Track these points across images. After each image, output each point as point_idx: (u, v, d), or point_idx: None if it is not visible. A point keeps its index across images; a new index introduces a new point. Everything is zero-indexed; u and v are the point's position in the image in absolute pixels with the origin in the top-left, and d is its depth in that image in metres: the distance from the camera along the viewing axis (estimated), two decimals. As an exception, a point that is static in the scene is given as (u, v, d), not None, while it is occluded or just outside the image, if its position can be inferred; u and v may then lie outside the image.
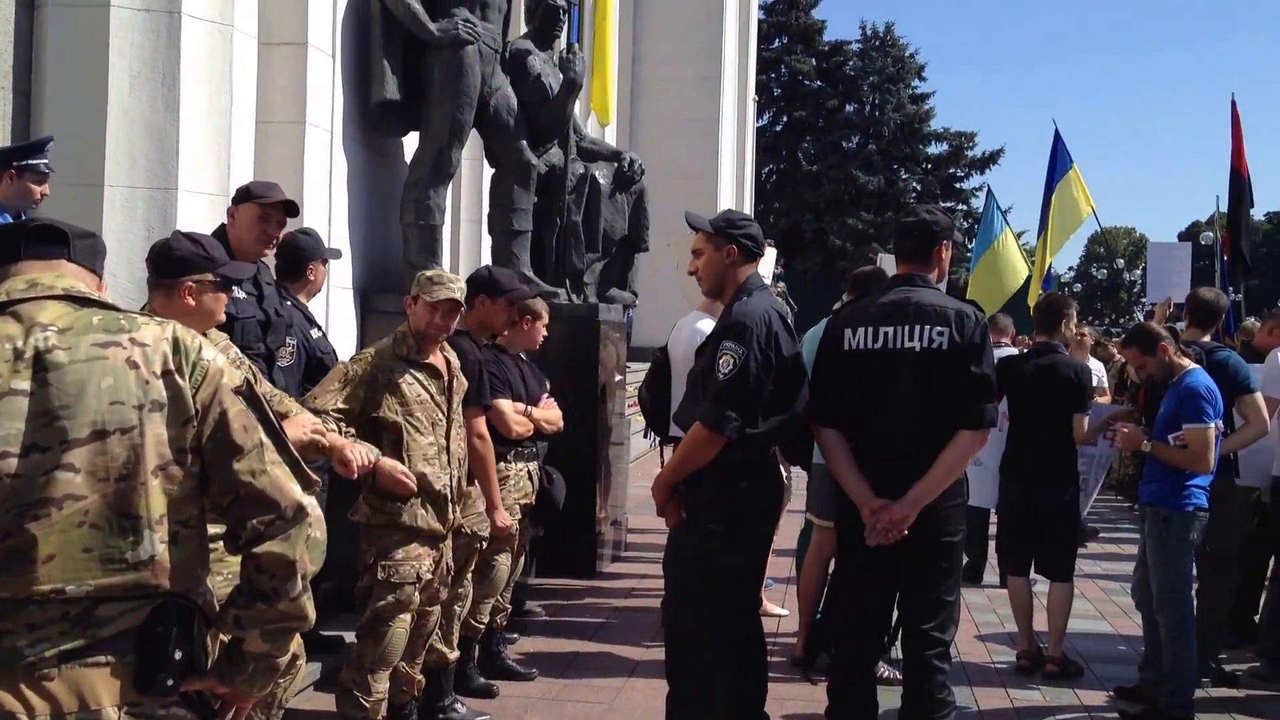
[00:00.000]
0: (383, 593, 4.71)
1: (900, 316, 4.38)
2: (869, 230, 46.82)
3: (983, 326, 4.40)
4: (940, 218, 4.63)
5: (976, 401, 4.32)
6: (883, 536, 4.29)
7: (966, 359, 4.31)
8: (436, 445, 4.81)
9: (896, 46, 50.82)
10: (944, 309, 4.37)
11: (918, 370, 4.32)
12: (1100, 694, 6.33)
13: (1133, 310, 78.80)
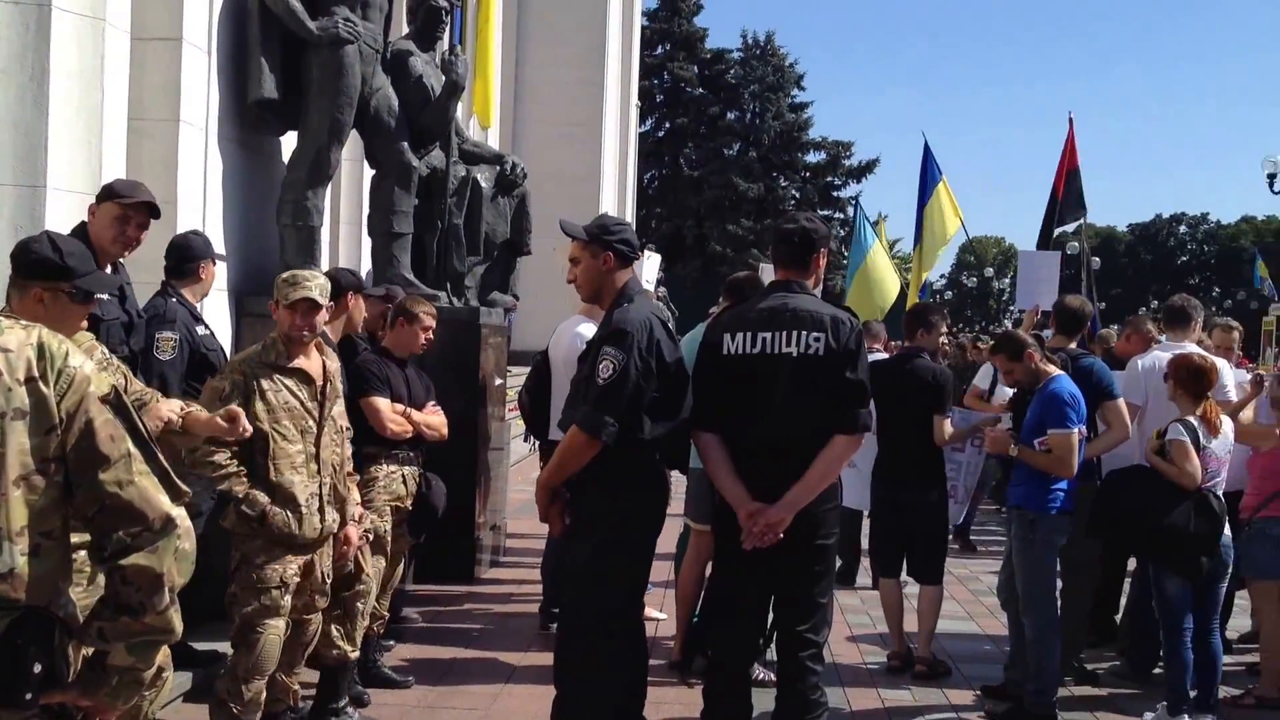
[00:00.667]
0: (248, 598, 4.63)
1: (778, 322, 4.43)
2: (749, 236, 47.35)
3: (857, 333, 4.49)
4: (818, 226, 4.70)
5: (851, 406, 4.41)
6: (759, 540, 4.34)
7: (842, 364, 4.39)
8: (305, 453, 4.72)
9: (777, 56, 51.51)
10: (820, 315, 4.43)
11: (794, 375, 4.38)
12: (968, 693, 6.49)
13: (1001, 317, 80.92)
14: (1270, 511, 6.43)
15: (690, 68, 49.94)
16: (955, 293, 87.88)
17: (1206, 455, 5.95)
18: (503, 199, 9.37)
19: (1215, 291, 77.58)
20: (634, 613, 4.63)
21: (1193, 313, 7.28)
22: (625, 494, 4.38)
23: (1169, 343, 7.15)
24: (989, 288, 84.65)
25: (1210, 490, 5.94)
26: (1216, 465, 6.02)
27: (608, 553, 4.37)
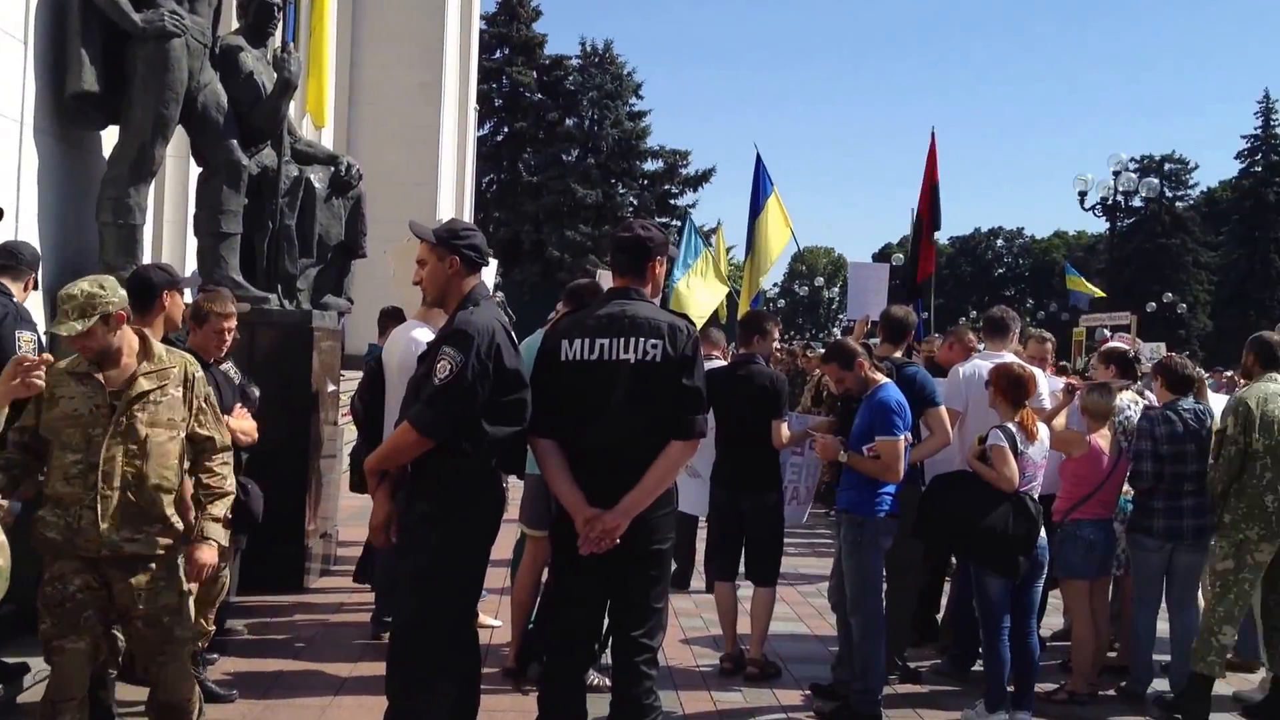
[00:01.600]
0: (42, 615, 4.39)
1: (616, 329, 4.46)
2: (587, 242, 47.47)
3: (694, 339, 4.53)
4: (655, 233, 4.73)
5: (687, 412, 4.45)
6: (595, 546, 4.36)
7: (679, 371, 4.42)
8: (84, 463, 4.35)
9: (615, 64, 51.84)
10: (658, 322, 4.48)
11: (632, 381, 4.41)
12: (797, 693, 6.62)
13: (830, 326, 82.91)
14: (1081, 514, 6.73)
15: (529, 73, 49.91)
16: (787, 301, 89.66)
17: (1024, 460, 6.20)
18: (337, 200, 9.20)
19: (1029, 303, 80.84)
20: (468, 620, 4.60)
21: (1011, 323, 7.57)
22: (461, 499, 4.34)
23: (988, 352, 7.42)
24: (819, 296, 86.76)
25: (1027, 494, 6.19)
26: (1033, 470, 6.27)
27: (442, 559, 4.32)
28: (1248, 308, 59.06)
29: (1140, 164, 64.48)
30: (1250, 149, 64.60)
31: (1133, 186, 33.93)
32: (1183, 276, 67.56)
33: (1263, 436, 6.37)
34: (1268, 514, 6.34)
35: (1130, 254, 65.52)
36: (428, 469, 4.35)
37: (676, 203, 51.34)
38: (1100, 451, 6.80)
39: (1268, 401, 6.43)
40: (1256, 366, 6.76)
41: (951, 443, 6.87)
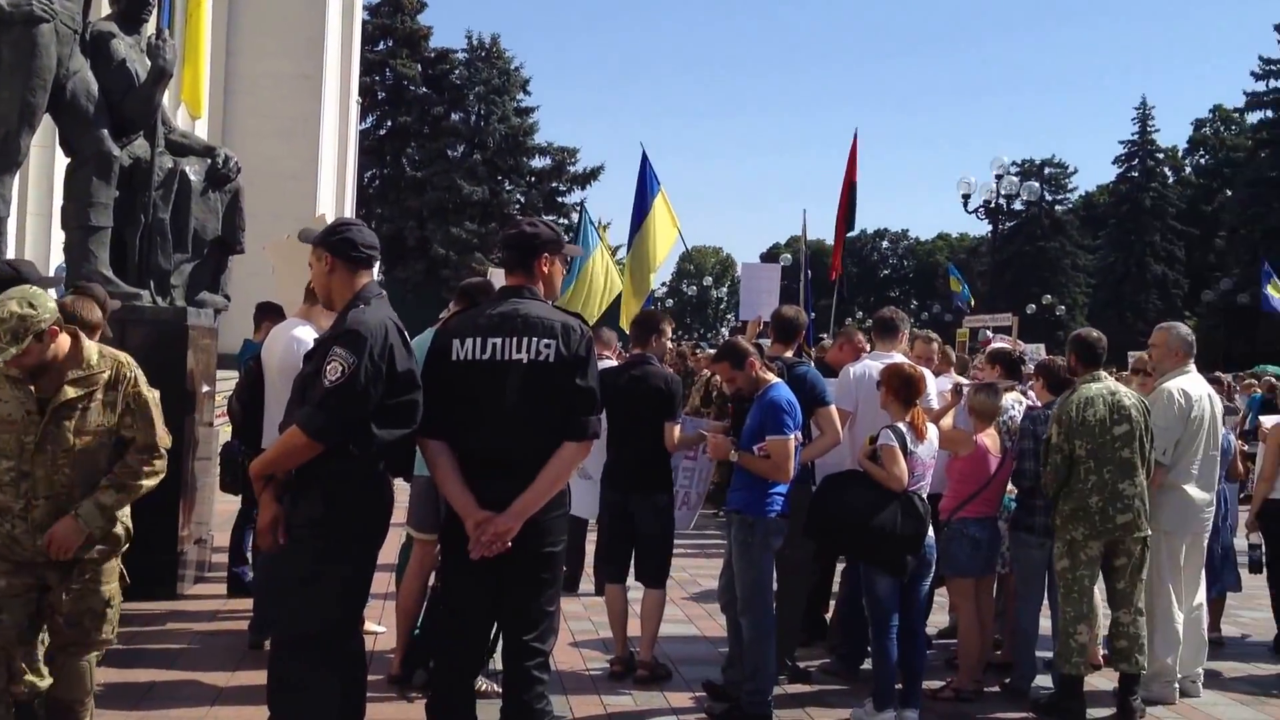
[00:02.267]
0: None
1: (508, 328, 4.38)
2: (473, 240, 47.16)
3: (588, 339, 4.47)
4: (543, 230, 4.65)
5: (581, 413, 4.39)
6: (486, 549, 4.27)
7: (572, 371, 4.37)
8: (16, 471, 4.41)
9: (502, 59, 51.54)
10: (551, 321, 4.41)
11: (524, 382, 4.34)
12: (687, 695, 6.57)
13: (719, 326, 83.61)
14: (967, 512, 6.80)
15: (414, 66, 49.38)
16: (676, 301, 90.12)
17: (914, 459, 6.23)
18: (214, 194, 8.91)
19: (914, 304, 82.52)
20: (353, 626, 4.46)
21: (900, 324, 7.63)
22: (346, 502, 4.22)
23: (878, 352, 7.46)
24: (708, 296, 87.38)
25: (915, 492, 6.22)
26: (922, 469, 6.30)
27: (326, 563, 4.20)
28: (1124, 310, 60.87)
29: (1021, 168, 66.07)
30: (1127, 154, 66.58)
31: (1014, 190, 34.74)
32: (1061, 279, 69.42)
33: (1084, 442, 6.55)
34: (1091, 514, 6.52)
35: (1011, 256, 67.11)
36: (312, 472, 4.21)
37: (565, 200, 51.26)
38: (986, 451, 6.88)
39: (1086, 406, 6.60)
40: (1079, 365, 6.93)
41: (842, 442, 6.89)
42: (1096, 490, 6.52)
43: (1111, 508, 6.53)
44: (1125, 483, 6.55)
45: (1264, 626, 8.71)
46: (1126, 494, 6.55)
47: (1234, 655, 8.21)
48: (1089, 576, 6.61)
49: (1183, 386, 7.07)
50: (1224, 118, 68.98)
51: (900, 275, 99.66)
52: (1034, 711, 6.59)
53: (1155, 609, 6.89)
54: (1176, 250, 63.22)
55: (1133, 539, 6.57)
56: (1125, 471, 6.56)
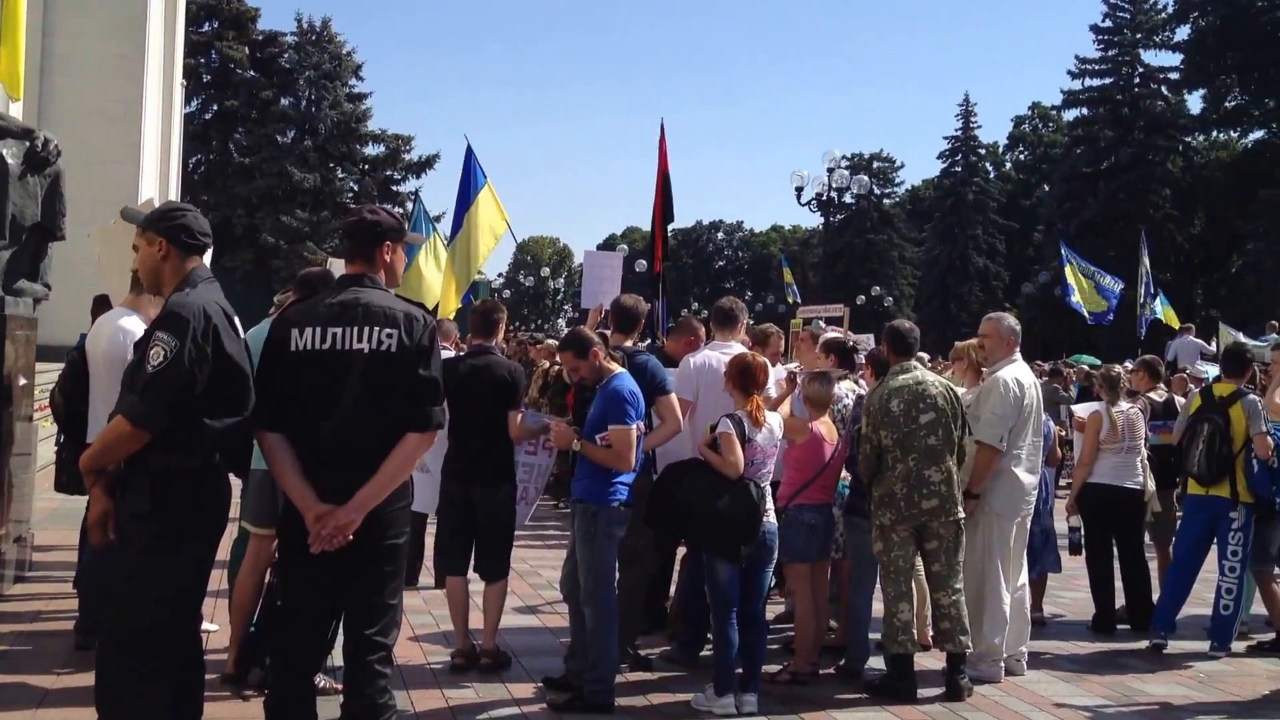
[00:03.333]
0: None
1: (349, 317, 4.30)
2: (304, 229, 46.10)
3: (431, 329, 4.41)
4: (384, 218, 4.57)
5: (424, 404, 4.33)
6: (327, 543, 4.19)
7: (415, 361, 4.31)
8: None
9: (334, 43, 50.47)
10: (393, 311, 4.34)
11: (366, 372, 4.26)
12: (529, 685, 6.56)
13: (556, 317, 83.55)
14: (803, 499, 6.95)
15: (241, 48, 47.96)
16: (513, 292, 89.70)
17: (752, 447, 6.33)
18: (32, 178, 8.49)
19: (749, 295, 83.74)
20: (188, 624, 4.31)
21: (739, 314, 7.75)
22: (175, 495, 4.08)
23: (718, 342, 7.56)
24: (545, 287, 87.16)
25: (752, 479, 6.33)
26: (762, 456, 6.41)
27: (154, 559, 4.06)
28: (948, 301, 62.86)
29: (852, 162, 67.64)
30: (951, 149, 68.69)
31: (845, 183, 35.57)
32: (889, 271, 71.34)
33: (889, 432, 6.80)
34: (897, 500, 6.78)
35: (842, 248, 68.69)
36: (140, 464, 4.07)
37: (400, 189, 50.48)
38: (821, 438, 7.03)
39: (890, 397, 6.85)
40: (892, 355, 7.16)
41: (683, 431, 6.96)
42: (902, 478, 6.77)
43: (917, 494, 6.76)
44: (931, 469, 6.79)
45: (1082, 606, 9.13)
46: (933, 480, 6.78)
47: (1055, 634, 8.57)
48: (903, 558, 6.84)
49: (1015, 375, 7.36)
50: (1042, 115, 71.82)
51: (735, 266, 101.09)
52: (867, 692, 6.77)
53: (985, 590, 7.16)
54: (998, 243, 65.57)
55: (941, 523, 6.81)
56: (931, 458, 6.79)
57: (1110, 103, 56.19)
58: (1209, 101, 54.24)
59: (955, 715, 6.47)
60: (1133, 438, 8.77)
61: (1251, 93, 52.23)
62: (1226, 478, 7.96)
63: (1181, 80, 55.27)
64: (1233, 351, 8.71)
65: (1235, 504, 7.95)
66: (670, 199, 12.91)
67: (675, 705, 6.36)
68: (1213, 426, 7.98)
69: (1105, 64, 57.04)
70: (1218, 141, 59.41)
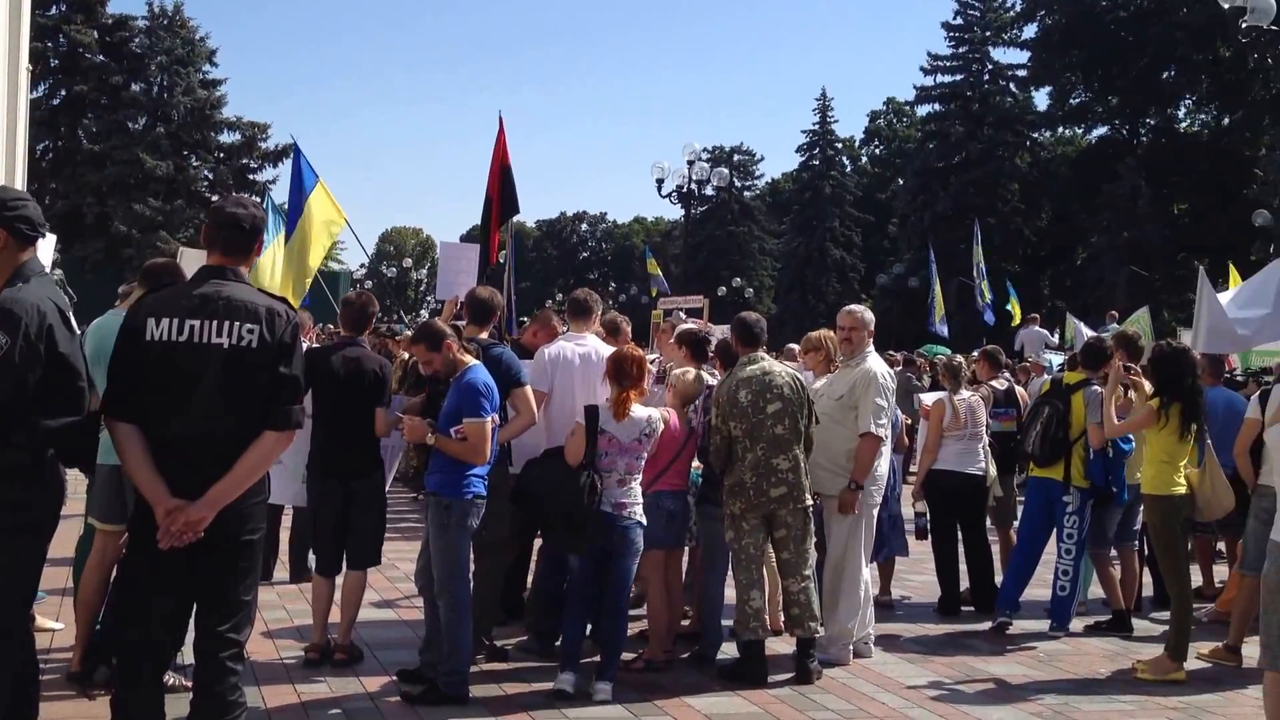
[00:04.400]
0: None
1: (209, 310, 4.22)
2: (157, 217, 44.83)
3: (293, 325, 4.34)
4: (255, 211, 4.53)
5: (283, 402, 4.27)
6: (177, 539, 4.12)
7: (276, 358, 4.25)
8: None
9: (186, 28, 49.13)
10: (256, 306, 4.27)
11: (225, 367, 4.19)
12: (384, 679, 6.55)
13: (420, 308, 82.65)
14: (661, 485, 7.05)
15: (90, 32, 46.31)
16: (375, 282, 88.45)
17: (605, 438, 6.42)
18: None
19: (612, 286, 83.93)
20: (19, 622, 4.20)
21: (593, 305, 7.82)
22: (9, 493, 3.97)
23: (573, 333, 7.62)
24: (408, 278, 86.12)
25: (596, 470, 6.43)
26: (616, 449, 6.49)
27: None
28: (806, 293, 63.80)
29: (712, 154, 68.19)
30: (809, 143, 69.56)
31: (705, 176, 35.87)
32: (750, 263, 72.13)
33: (739, 422, 6.96)
34: (746, 489, 6.93)
35: (704, 240, 69.20)
36: None
37: (256, 178, 49.38)
38: (675, 426, 7.15)
39: (739, 388, 7.01)
40: (740, 346, 7.33)
41: (538, 423, 7.00)
42: (751, 467, 6.91)
43: (765, 482, 6.92)
44: (779, 458, 6.95)
45: (930, 589, 9.42)
46: (781, 468, 6.94)
47: (902, 617, 8.85)
48: (754, 545, 7.00)
49: (884, 367, 7.61)
50: (896, 110, 73.35)
51: (599, 258, 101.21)
52: (719, 677, 6.91)
53: (844, 576, 7.35)
54: (854, 236, 66.76)
55: (789, 511, 6.98)
56: (779, 447, 6.95)
57: (961, 99, 57.61)
58: (1055, 99, 56.02)
59: (805, 698, 6.64)
60: (974, 424, 9.08)
61: (1095, 90, 54.16)
62: (1060, 461, 8.29)
63: (1029, 78, 56.99)
64: (1093, 346, 9.04)
65: (1068, 487, 8.29)
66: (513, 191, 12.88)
67: (530, 695, 6.42)
68: (1052, 410, 8.31)
69: (956, 61, 58.42)
70: (1063, 137, 61.46)
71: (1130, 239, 45.81)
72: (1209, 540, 9.96)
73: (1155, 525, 7.65)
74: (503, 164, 12.25)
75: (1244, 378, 11.19)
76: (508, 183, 12.12)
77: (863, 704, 6.59)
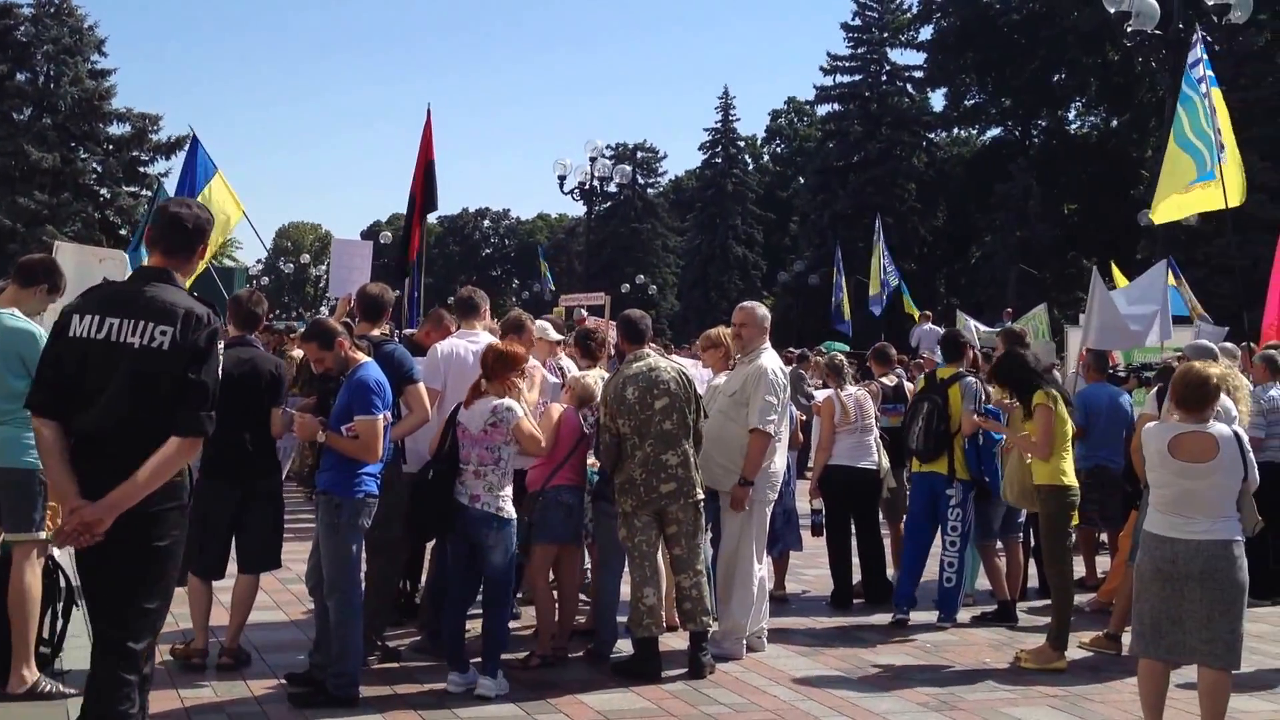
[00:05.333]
0: None
1: (128, 309, 4.16)
2: (43, 211, 43.59)
3: (211, 331, 4.22)
4: (203, 213, 4.50)
5: (191, 407, 4.14)
6: (72, 539, 4.05)
7: (186, 362, 4.14)
8: None
9: (74, 16, 47.81)
10: (174, 308, 4.17)
11: (133, 367, 4.10)
12: (271, 682, 6.45)
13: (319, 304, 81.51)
14: (559, 480, 7.07)
15: (-28, 21, 44.91)
16: (272, 279, 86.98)
17: (459, 429, 6.48)
18: None
19: (515, 283, 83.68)
20: None
21: (480, 302, 7.77)
22: None
23: (464, 331, 7.57)
24: (306, 274, 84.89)
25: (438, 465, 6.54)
26: (469, 441, 6.50)
27: None
28: (709, 290, 64.14)
29: (616, 151, 68.27)
30: (712, 141, 69.94)
31: (608, 173, 35.93)
32: (653, 260, 72.35)
33: (627, 419, 6.99)
34: (637, 486, 6.95)
35: (608, 237, 69.26)
36: None
37: (147, 170, 48.19)
38: (570, 422, 7.16)
39: (625, 386, 7.03)
40: (626, 344, 7.36)
41: (431, 420, 6.95)
42: (641, 464, 6.93)
43: (655, 479, 6.95)
44: (668, 454, 6.97)
45: (824, 582, 9.51)
46: (670, 464, 6.97)
47: (796, 611, 8.95)
48: (646, 542, 7.02)
49: (777, 363, 7.65)
50: (797, 109, 74.04)
51: (502, 254, 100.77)
52: (614, 674, 6.92)
53: (737, 571, 7.40)
54: (756, 234, 67.30)
55: (679, 507, 7.01)
56: (668, 443, 6.98)
57: (860, 99, 58.32)
58: (950, 100, 57.03)
59: (697, 692, 6.68)
60: (864, 418, 9.21)
61: (989, 92, 55.19)
62: (944, 455, 8.45)
63: (925, 79, 57.90)
64: (949, 339, 9.26)
65: (951, 481, 8.46)
66: (434, 187, 12.77)
67: (422, 695, 6.37)
68: (932, 405, 8.47)
69: (855, 61, 59.11)
70: (959, 138, 62.57)
71: (1022, 238, 46.80)
72: (1092, 532, 10.22)
73: (1048, 515, 7.79)
74: (428, 159, 12.15)
75: (1125, 373, 11.49)
76: (430, 178, 12.03)
77: (754, 697, 6.64)
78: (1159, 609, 5.75)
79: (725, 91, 72.97)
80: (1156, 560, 5.76)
